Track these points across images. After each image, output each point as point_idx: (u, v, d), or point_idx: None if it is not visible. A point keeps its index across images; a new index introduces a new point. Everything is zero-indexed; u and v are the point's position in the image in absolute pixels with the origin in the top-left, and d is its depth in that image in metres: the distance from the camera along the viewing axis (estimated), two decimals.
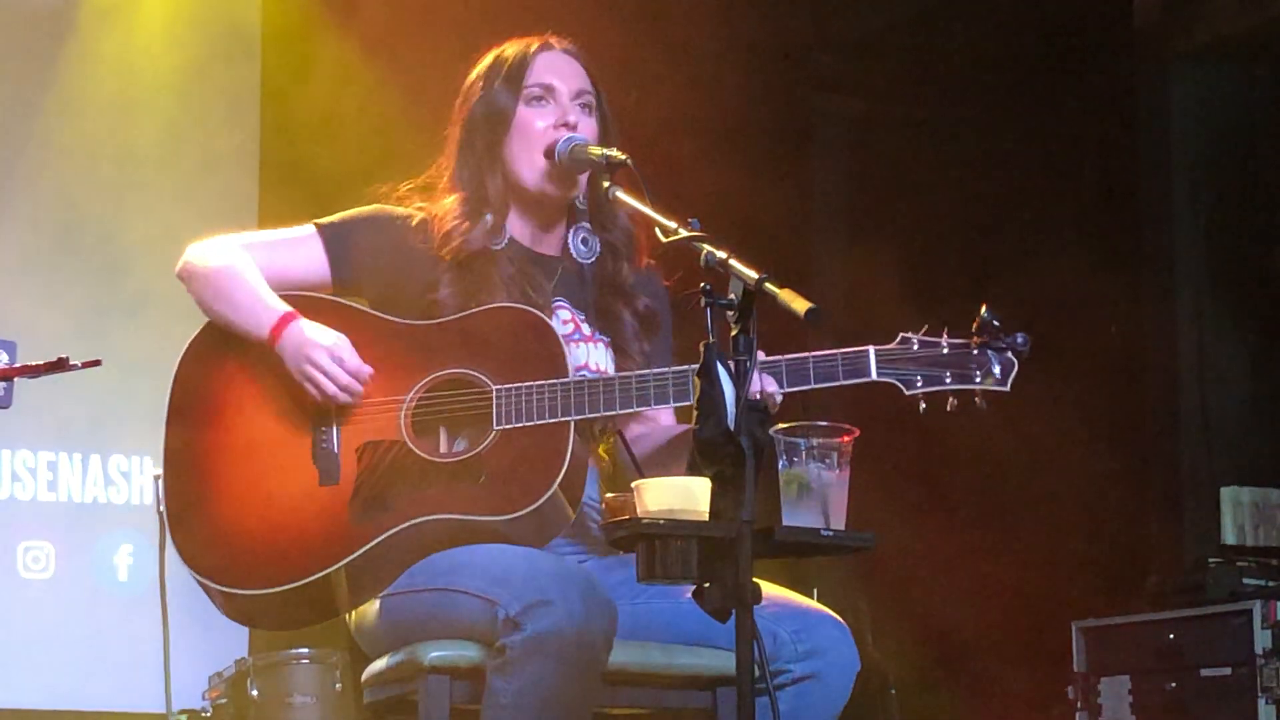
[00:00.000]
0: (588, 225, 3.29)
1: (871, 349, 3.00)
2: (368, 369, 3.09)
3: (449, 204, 3.25)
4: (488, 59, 3.31)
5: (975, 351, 3.01)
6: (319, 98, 6.91)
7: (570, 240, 3.29)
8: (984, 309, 2.99)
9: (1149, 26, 6.80)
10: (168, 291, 3.41)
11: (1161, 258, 6.72)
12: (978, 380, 3.00)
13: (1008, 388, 3.02)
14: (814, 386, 2.99)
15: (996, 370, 3.00)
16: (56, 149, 6.84)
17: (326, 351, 3.07)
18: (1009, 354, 3.01)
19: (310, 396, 3.09)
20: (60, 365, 3.24)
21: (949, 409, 3.02)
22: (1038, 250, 6.94)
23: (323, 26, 6.96)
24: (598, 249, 3.29)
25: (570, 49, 3.31)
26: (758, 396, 2.65)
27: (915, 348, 3.01)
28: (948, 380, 3.00)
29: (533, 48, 3.28)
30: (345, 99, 6.93)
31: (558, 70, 3.26)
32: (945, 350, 3.01)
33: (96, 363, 3.30)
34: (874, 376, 3.00)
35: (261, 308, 3.12)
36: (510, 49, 3.30)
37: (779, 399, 2.97)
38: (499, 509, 2.99)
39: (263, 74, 7.05)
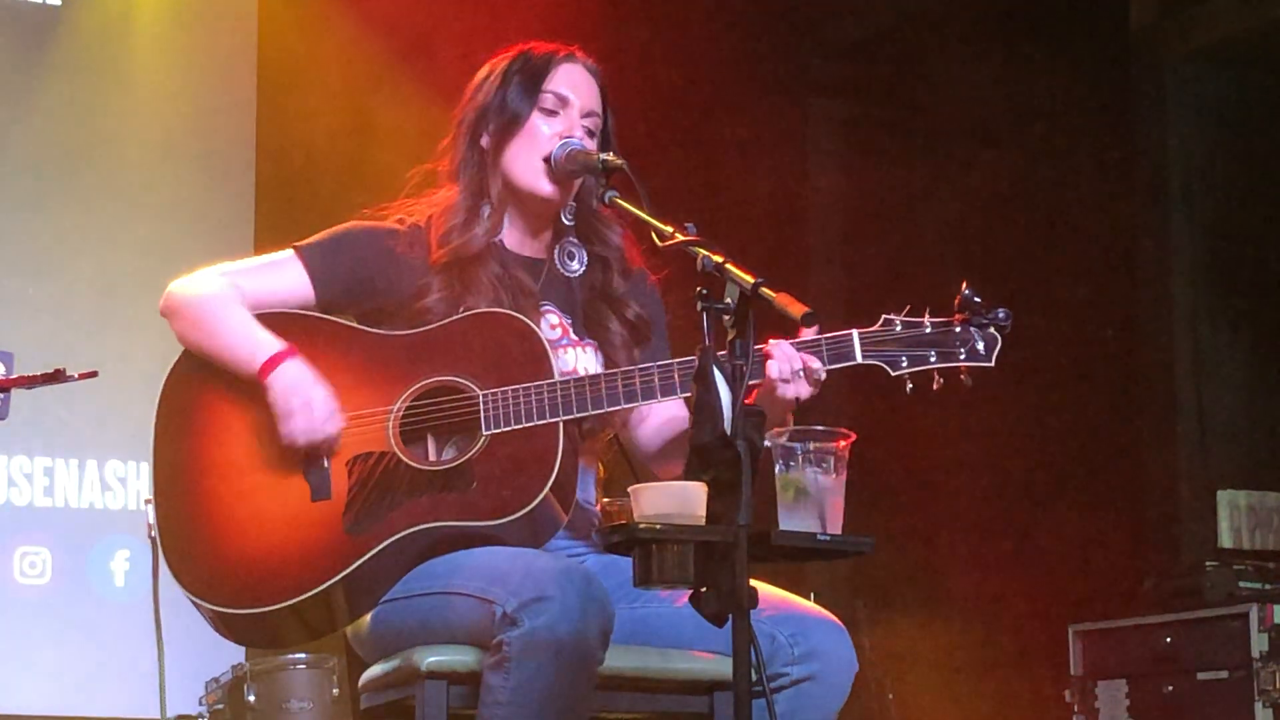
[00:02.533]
0: (574, 240, 3.27)
1: (855, 332, 3.00)
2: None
3: (448, 200, 3.23)
4: (512, 53, 3.27)
5: (958, 329, 3.00)
6: (317, 102, 6.91)
7: (556, 255, 3.26)
8: (964, 286, 2.99)
9: (1146, 29, 6.81)
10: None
11: (1158, 261, 6.73)
12: (962, 357, 3.00)
13: (992, 363, 3.01)
14: None
15: (980, 346, 3.00)
16: (51, 159, 6.83)
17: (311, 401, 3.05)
18: (991, 329, 3.01)
19: (284, 436, 3.07)
20: (57, 376, 3.22)
21: (935, 388, 3.01)
22: (1033, 253, 6.94)
23: (322, 33, 6.95)
24: (585, 261, 3.27)
25: (592, 66, 3.27)
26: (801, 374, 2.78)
27: (899, 329, 3.00)
28: (932, 359, 2.99)
29: (558, 55, 3.25)
30: (344, 102, 6.93)
31: (575, 84, 3.23)
32: (928, 329, 3.01)
33: (93, 374, 3.28)
34: (859, 359, 2.99)
35: (252, 343, 3.10)
36: (537, 50, 3.26)
37: (823, 375, 2.96)
38: (492, 514, 2.98)
39: (259, 79, 7.05)
